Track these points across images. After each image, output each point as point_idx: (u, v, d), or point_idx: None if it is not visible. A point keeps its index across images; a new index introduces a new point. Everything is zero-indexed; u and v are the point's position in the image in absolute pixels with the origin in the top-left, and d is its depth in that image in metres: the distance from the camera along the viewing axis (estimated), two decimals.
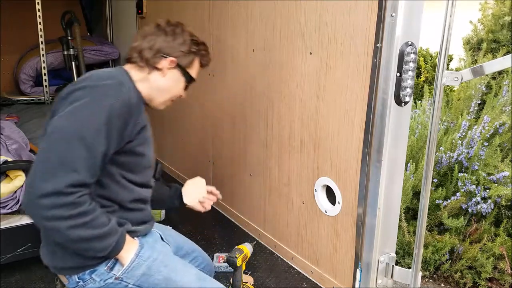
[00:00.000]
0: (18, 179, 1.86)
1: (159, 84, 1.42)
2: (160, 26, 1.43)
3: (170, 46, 1.41)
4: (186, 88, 1.50)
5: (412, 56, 1.45)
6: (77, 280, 1.29)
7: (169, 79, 1.43)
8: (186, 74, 1.46)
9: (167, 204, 1.69)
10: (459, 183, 2.28)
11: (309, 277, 2.03)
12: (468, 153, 2.34)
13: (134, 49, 1.41)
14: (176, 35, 1.42)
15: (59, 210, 1.11)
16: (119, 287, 1.30)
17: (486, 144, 2.39)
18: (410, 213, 2.41)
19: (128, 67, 1.41)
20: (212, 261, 1.82)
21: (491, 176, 2.25)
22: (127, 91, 1.28)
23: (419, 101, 3.03)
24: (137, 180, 1.37)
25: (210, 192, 1.73)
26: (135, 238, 1.37)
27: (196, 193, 1.69)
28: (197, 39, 1.48)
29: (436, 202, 2.29)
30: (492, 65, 1.41)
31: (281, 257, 2.21)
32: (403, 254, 2.34)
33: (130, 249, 1.32)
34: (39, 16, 3.73)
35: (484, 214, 2.23)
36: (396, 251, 1.75)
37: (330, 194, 1.88)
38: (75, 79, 3.79)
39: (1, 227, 1.86)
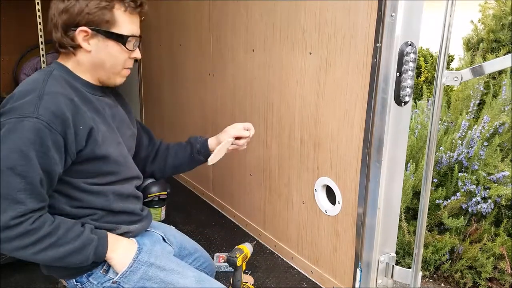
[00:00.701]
0: None
1: (91, 61, 1.21)
2: None
3: (73, 13, 1.15)
4: (129, 49, 1.22)
5: (412, 56, 1.45)
6: (75, 283, 1.27)
7: (97, 51, 1.19)
8: (113, 35, 1.18)
9: (190, 166, 1.61)
10: (459, 183, 2.28)
11: (309, 277, 2.03)
12: (468, 153, 2.34)
13: (49, 32, 1.20)
14: None
15: (17, 241, 1.07)
16: None
17: (486, 144, 2.39)
18: (410, 213, 2.41)
19: (60, 59, 1.24)
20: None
21: (491, 176, 2.24)
22: (52, 100, 1.11)
23: (419, 101, 3.02)
24: (113, 179, 1.26)
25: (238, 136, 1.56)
26: (130, 238, 1.34)
27: (221, 151, 1.53)
28: None
29: (436, 202, 2.29)
30: (492, 65, 1.41)
31: (281, 257, 2.20)
32: (403, 254, 2.34)
33: (126, 253, 1.27)
34: (39, 16, 3.72)
35: (484, 214, 2.23)
36: (396, 251, 1.75)
37: (330, 194, 1.88)
38: None
39: None
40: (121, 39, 1.21)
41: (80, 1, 1.16)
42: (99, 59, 1.21)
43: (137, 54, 1.27)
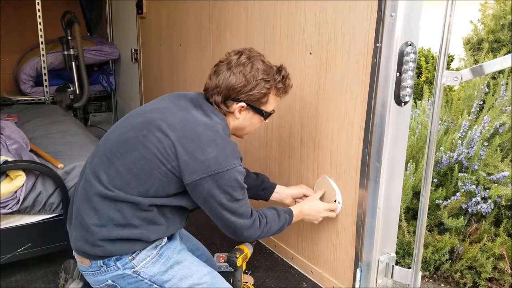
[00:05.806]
0: (18, 179, 1.86)
1: (235, 125, 1.49)
2: (230, 63, 1.40)
3: (239, 92, 1.40)
4: (267, 121, 1.54)
5: (412, 56, 1.45)
6: (102, 264, 1.33)
7: (243, 120, 1.48)
8: (261, 112, 1.48)
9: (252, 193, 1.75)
10: (459, 183, 2.28)
11: (309, 277, 2.03)
12: (468, 153, 2.34)
13: (207, 89, 1.45)
14: (245, 77, 1.39)
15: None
16: (134, 281, 1.35)
17: (486, 144, 2.39)
18: (410, 213, 2.41)
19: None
20: None
21: (491, 176, 2.24)
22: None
23: (419, 101, 3.02)
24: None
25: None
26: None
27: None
28: (269, 73, 1.43)
29: (436, 202, 2.29)
30: (492, 65, 1.41)
31: (281, 257, 2.21)
32: (403, 254, 2.33)
33: (309, 210, 1.73)
34: (39, 16, 3.72)
35: (484, 214, 2.23)
36: (396, 251, 1.75)
37: None
38: (75, 79, 3.80)
39: (1, 227, 1.86)
40: (266, 114, 1.50)
41: (248, 84, 1.39)
42: (242, 125, 1.50)
43: (267, 120, 1.56)
